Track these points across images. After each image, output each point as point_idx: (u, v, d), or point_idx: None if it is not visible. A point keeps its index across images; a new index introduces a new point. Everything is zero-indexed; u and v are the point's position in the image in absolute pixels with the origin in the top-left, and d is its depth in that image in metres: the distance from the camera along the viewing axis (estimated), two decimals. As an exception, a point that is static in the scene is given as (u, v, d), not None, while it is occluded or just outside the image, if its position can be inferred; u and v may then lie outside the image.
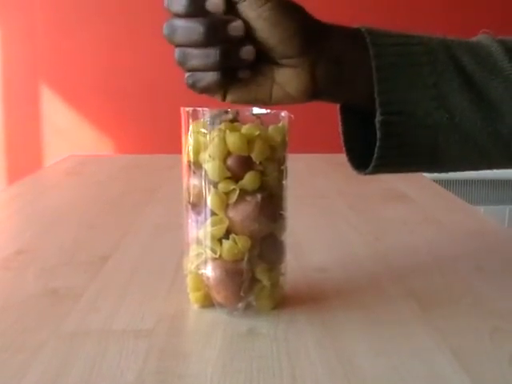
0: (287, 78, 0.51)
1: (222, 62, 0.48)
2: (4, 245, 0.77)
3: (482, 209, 2.23)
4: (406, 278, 0.63)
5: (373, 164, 0.55)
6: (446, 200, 1.03)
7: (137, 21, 2.39)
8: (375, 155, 0.54)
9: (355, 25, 0.55)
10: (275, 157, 0.52)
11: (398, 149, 0.54)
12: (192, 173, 0.53)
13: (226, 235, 0.51)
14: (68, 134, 2.48)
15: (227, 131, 0.50)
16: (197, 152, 0.52)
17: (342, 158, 0.58)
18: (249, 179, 0.51)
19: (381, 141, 0.53)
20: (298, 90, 0.52)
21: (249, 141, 0.51)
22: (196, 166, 0.52)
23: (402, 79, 0.52)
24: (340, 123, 0.58)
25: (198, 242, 0.53)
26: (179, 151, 0.54)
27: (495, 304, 0.56)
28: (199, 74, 0.50)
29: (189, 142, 0.53)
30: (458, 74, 0.53)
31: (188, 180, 0.53)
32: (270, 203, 0.52)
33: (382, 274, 0.65)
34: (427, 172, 0.61)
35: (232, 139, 0.50)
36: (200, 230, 0.53)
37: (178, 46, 0.50)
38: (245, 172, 0.51)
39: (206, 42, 0.48)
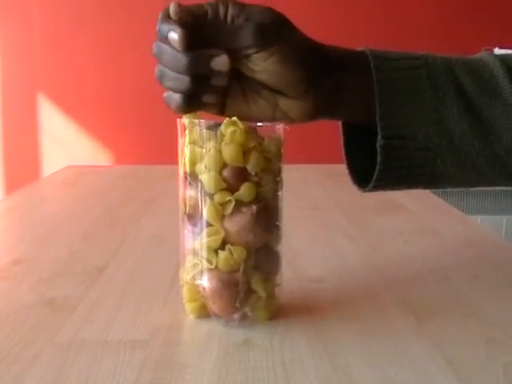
0: (289, 105, 0.53)
1: (191, 90, 0.50)
2: (0, 255, 0.77)
3: (479, 219, 2.23)
4: (401, 289, 0.63)
5: (372, 184, 0.56)
6: (442, 210, 1.03)
7: (135, 31, 2.40)
8: (375, 177, 0.55)
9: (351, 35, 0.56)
10: (271, 168, 0.53)
11: (398, 170, 0.55)
12: (188, 184, 0.53)
13: (222, 246, 0.52)
14: (66, 145, 2.48)
15: (223, 143, 0.51)
16: (193, 163, 0.52)
17: (338, 168, 0.58)
18: (244, 190, 0.51)
19: (381, 164, 0.54)
20: (300, 115, 0.53)
21: (244, 152, 0.51)
22: (192, 177, 0.52)
23: (404, 104, 0.53)
24: (341, 138, 0.59)
25: (194, 252, 0.53)
26: (176, 162, 0.55)
27: (490, 314, 0.57)
28: (171, 94, 0.51)
29: (185, 154, 0.53)
30: (458, 97, 0.54)
31: (184, 191, 0.54)
32: (266, 214, 0.52)
33: (377, 284, 0.65)
34: (426, 189, 0.62)
35: (228, 151, 0.51)
36: (196, 241, 0.53)
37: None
38: (240, 183, 0.51)
39: (187, 73, 0.49)
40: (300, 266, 0.70)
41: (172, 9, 0.49)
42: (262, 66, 0.50)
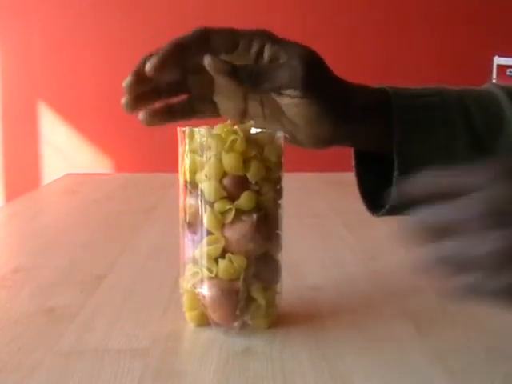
0: (306, 137, 0.55)
1: None
2: (0, 263, 0.77)
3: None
4: (401, 298, 0.63)
5: (385, 210, 0.57)
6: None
7: (135, 39, 2.40)
8: (387, 206, 0.56)
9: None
10: (271, 177, 0.53)
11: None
12: (188, 192, 0.53)
13: (222, 254, 0.52)
14: (66, 153, 2.48)
15: (223, 151, 0.51)
16: (193, 172, 0.52)
17: (337, 176, 0.59)
18: (245, 199, 0.51)
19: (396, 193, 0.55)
20: (313, 146, 0.56)
21: (245, 161, 0.51)
22: (192, 185, 0.53)
23: (420, 142, 0.55)
24: (354, 165, 0.60)
25: (194, 261, 0.53)
26: (176, 170, 0.55)
27: (490, 324, 0.56)
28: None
29: (185, 162, 0.53)
30: (467, 133, 0.56)
31: (184, 199, 0.54)
32: (266, 223, 0.52)
33: (377, 293, 0.65)
34: None
35: (228, 159, 0.51)
36: (196, 250, 0.53)
37: None
38: (241, 192, 0.51)
39: None
40: (300, 275, 0.70)
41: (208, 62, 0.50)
42: (296, 107, 0.52)
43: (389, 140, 0.55)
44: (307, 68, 0.51)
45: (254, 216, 0.51)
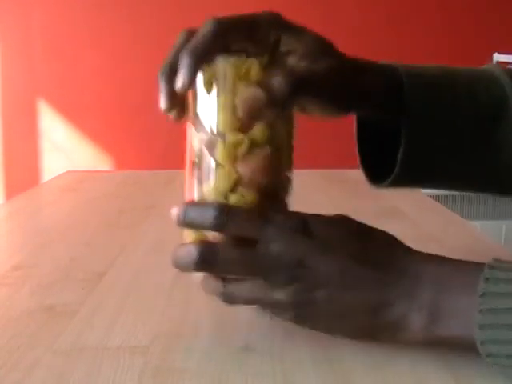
0: (313, 112, 0.56)
1: None
2: (0, 261, 0.77)
3: (478, 224, 2.23)
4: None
5: (387, 182, 0.60)
6: (442, 216, 1.03)
7: (135, 36, 2.40)
8: (389, 179, 0.59)
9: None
10: (285, 112, 0.51)
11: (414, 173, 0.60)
12: (197, 127, 0.51)
13: (233, 189, 0.49)
14: (66, 150, 2.48)
15: (237, 79, 0.49)
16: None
17: (339, 174, 0.59)
18: (258, 130, 0.49)
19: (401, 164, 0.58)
20: (325, 117, 0.56)
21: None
22: (203, 118, 0.50)
23: (427, 123, 0.58)
24: (355, 135, 0.62)
25: (202, 200, 0.51)
26: (178, 167, 0.54)
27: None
28: None
29: (196, 96, 0.51)
30: (473, 114, 0.59)
31: (192, 138, 0.51)
32: (278, 158, 0.51)
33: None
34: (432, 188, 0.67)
35: (242, 88, 0.49)
36: (205, 185, 0.50)
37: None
38: (253, 124, 0.49)
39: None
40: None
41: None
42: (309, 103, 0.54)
43: (396, 116, 0.57)
44: (331, 75, 0.52)
45: (267, 149, 0.49)
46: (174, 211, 0.49)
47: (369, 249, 0.48)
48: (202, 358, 0.49)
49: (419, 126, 0.57)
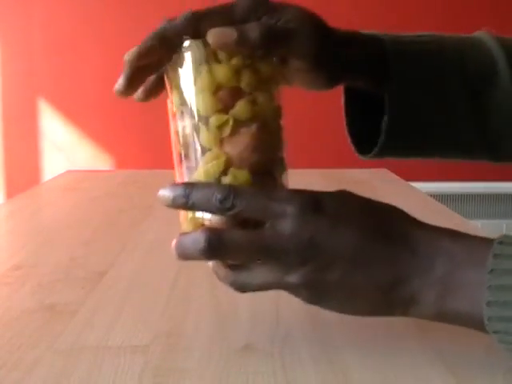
0: (299, 84, 0.55)
1: None
2: (1, 260, 0.77)
3: (479, 223, 2.23)
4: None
5: (372, 154, 0.60)
6: (442, 215, 1.03)
7: (135, 36, 2.40)
8: (376, 149, 0.59)
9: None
10: (267, 89, 0.50)
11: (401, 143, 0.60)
12: (179, 116, 0.50)
13: (224, 172, 0.48)
14: (66, 150, 2.48)
15: (215, 62, 0.48)
16: (183, 91, 0.49)
17: (337, 173, 0.58)
18: (240, 107, 0.48)
19: (385, 138, 0.58)
20: (308, 90, 0.56)
21: (237, 71, 0.48)
22: (184, 106, 0.49)
23: (413, 87, 0.57)
24: (343, 101, 0.61)
25: None
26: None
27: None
28: None
29: (175, 81, 0.50)
30: (461, 80, 0.58)
31: (175, 126, 0.51)
32: (266, 134, 0.49)
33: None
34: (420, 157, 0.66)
35: (220, 70, 0.48)
36: (194, 173, 0.49)
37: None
38: (235, 103, 0.48)
39: None
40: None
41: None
42: (297, 71, 0.53)
43: (382, 84, 0.57)
44: (317, 41, 0.51)
45: (254, 126, 0.48)
46: (167, 192, 0.48)
47: (379, 224, 0.47)
48: (202, 357, 0.49)
49: (404, 92, 0.57)
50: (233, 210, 0.45)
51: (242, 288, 0.48)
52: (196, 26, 0.48)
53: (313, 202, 0.46)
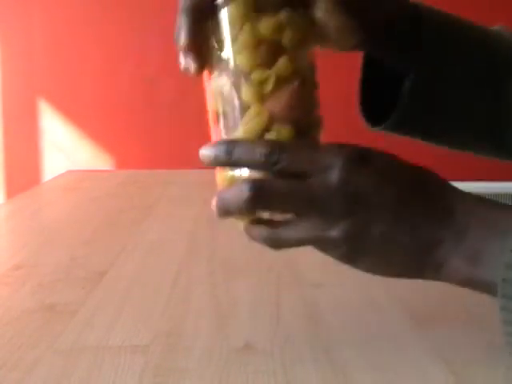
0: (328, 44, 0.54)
1: None
2: (1, 260, 0.77)
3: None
4: (402, 294, 0.63)
5: (386, 125, 0.58)
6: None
7: (136, 36, 2.40)
8: (390, 120, 0.58)
9: None
10: (305, 46, 0.50)
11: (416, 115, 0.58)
12: (217, 74, 0.49)
13: (266, 130, 0.47)
14: (67, 150, 2.48)
15: (256, 18, 0.48)
16: (222, 48, 0.48)
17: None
18: (283, 64, 0.47)
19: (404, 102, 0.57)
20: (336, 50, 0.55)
21: (279, 27, 0.48)
22: (222, 62, 0.49)
23: (442, 56, 0.57)
24: (361, 70, 0.60)
25: None
26: (177, 167, 0.54)
27: (490, 320, 0.56)
28: None
29: (215, 39, 0.49)
30: (485, 65, 0.59)
31: (213, 87, 0.49)
32: (306, 91, 0.49)
33: (378, 289, 0.65)
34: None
35: (263, 25, 0.48)
36: (234, 132, 0.48)
37: None
38: (276, 59, 0.48)
39: None
40: (300, 271, 0.70)
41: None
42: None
43: (409, 50, 0.56)
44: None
45: (295, 82, 0.48)
46: (208, 151, 0.46)
47: (423, 184, 0.47)
48: (202, 357, 0.49)
49: (431, 61, 0.57)
50: (279, 164, 0.44)
51: (278, 244, 0.47)
52: None
53: (360, 155, 0.45)
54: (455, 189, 0.48)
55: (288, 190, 0.44)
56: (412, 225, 0.45)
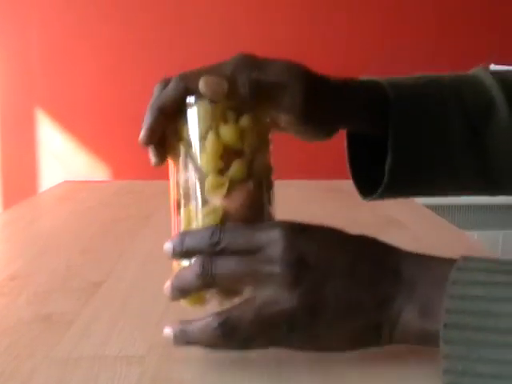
0: (298, 135, 0.58)
1: None
2: (-3, 270, 0.77)
3: (475, 234, 2.23)
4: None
5: (376, 195, 0.61)
6: (438, 226, 1.04)
7: (133, 46, 2.41)
8: (379, 191, 0.60)
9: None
10: (263, 148, 0.52)
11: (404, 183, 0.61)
12: (182, 168, 0.51)
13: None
14: (63, 160, 2.48)
15: (221, 123, 0.50)
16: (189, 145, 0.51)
17: (334, 184, 0.59)
18: (238, 168, 0.50)
19: (388, 180, 0.59)
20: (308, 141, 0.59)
21: (241, 133, 0.50)
22: (188, 159, 0.51)
23: (415, 131, 0.59)
24: (346, 148, 0.63)
25: None
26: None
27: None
28: None
29: (182, 137, 0.51)
30: (460, 119, 0.59)
31: (176, 176, 0.52)
32: (261, 191, 0.51)
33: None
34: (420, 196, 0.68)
35: (227, 132, 0.50)
36: (193, 224, 0.51)
37: None
38: (231, 162, 0.50)
39: None
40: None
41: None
42: (290, 124, 0.55)
43: (384, 129, 0.58)
44: (304, 94, 0.53)
45: (251, 183, 0.50)
46: (168, 245, 0.49)
47: (364, 245, 0.49)
48: (198, 368, 0.49)
49: (406, 136, 0.58)
50: (221, 243, 0.47)
51: (232, 329, 0.46)
52: (188, 87, 0.50)
53: (300, 225, 0.48)
54: (397, 248, 0.50)
55: (235, 266, 0.46)
56: (366, 282, 0.46)
